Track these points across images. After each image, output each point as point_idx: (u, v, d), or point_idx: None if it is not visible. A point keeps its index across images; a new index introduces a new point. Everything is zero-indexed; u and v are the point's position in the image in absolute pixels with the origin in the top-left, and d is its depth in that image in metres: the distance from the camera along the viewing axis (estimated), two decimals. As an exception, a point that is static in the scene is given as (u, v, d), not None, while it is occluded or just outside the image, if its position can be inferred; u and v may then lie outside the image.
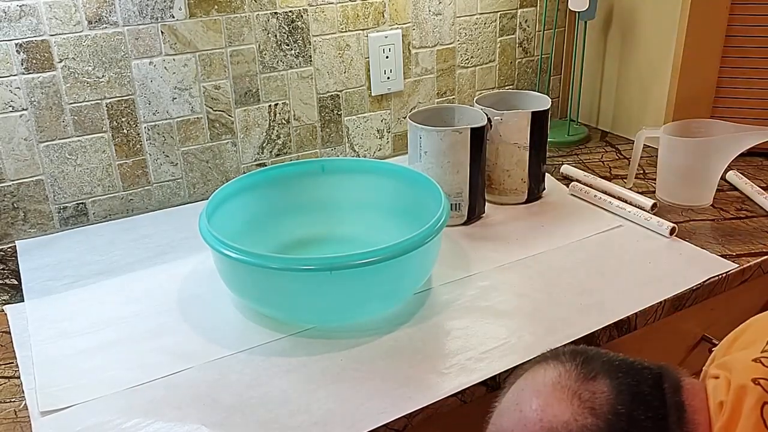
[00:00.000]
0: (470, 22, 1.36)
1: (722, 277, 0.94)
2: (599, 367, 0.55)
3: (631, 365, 0.57)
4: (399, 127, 1.37)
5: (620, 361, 0.57)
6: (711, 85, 1.29)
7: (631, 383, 0.54)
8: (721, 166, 1.11)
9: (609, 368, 0.55)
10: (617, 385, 0.54)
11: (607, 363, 0.56)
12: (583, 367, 0.55)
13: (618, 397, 0.53)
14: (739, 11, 1.24)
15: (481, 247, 1.04)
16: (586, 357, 0.56)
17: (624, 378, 0.54)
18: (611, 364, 0.56)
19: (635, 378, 0.55)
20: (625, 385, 0.54)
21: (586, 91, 1.51)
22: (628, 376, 0.55)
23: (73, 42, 1.04)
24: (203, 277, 0.97)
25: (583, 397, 0.53)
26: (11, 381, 0.79)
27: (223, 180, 1.22)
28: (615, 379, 0.54)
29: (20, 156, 1.06)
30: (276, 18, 1.17)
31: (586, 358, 0.56)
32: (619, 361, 0.57)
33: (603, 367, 0.55)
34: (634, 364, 0.57)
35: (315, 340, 0.84)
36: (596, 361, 0.56)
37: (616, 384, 0.54)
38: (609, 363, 0.56)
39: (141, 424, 0.71)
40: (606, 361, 0.56)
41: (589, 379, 0.54)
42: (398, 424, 0.72)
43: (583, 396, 0.53)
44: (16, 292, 0.96)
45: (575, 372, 0.55)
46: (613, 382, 0.54)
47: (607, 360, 0.57)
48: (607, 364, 0.56)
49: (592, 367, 0.55)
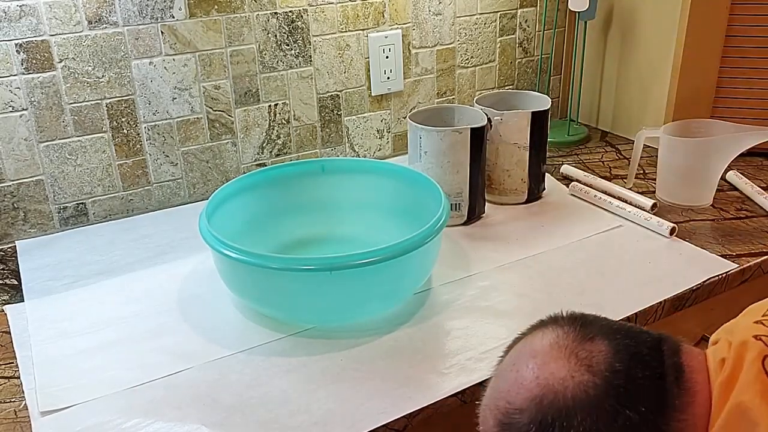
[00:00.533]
0: (470, 22, 1.36)
1: (722, 277, 0.94)
2: (597, 329, 0.56)
3: (630, 329, 0.57)
4: (399, 127, 1.37)
5: (620, 325, 0.58)
6: (711, 85, 1.29)
7: (630, 344, 0.55)
8: (721, 166, 1.11)
9: (607, 330, 0.56)
10: (615, 346, 0.54)
11: (606, 326, 0.57)
12: (582, 329, 0.56)
13: (616, 356, 0.53)
14: (739, 11, 1.24)
15: (481, 247, 1.04)
16: (585, 321, 0.57)
17: (622, 339, 0.55)
18: (610, 327, 0.56)
19: (634, 340, 0.55)
20: (623, 345, 0.54)
21: (586, 91, 1.51)
22: (627, 337, 0.55)
23: (73, 42, 1.04)
24: (203, 277, 0.97)
25: (581, 356, 0.53)
26: (11, 381, 0.79)
27: (223, 180, 1.22)
28: (613, 340, 0.54)
29: (20, 156, 1.06)
30: (276, 18, 1.17)
31: (585, 321, 0.57)
32: (618, 325, 0.58)
33: (602, 329, 0.56)
34: (633, 328, 0.58)
35: (315, 340, 0.84)
36: (595, 324, 0.57)
37: (614, 344, 0.54)
38: (608, 326, 0.57)
39: (141, 424, 0.71)
40: (605, 324, 0.57)
41: (587, 340, 0.54)
42: (398, 424, 0.72)
43: (580, 354, 0.54)
44: (16, 292, 0.96)
45: (573, 333, 0.55)
46: (612, 343, 0.54)
47: (606, 324, 0.57)
48: (605, 327, 0.56)
49: (590, 330, 0.56)
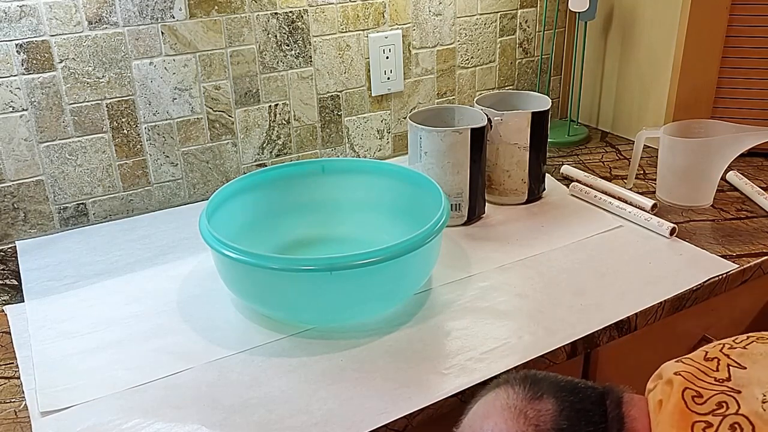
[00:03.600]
0: (470, 23, 1.36)
1: (722, 277, 0.94)
2: (546, 387, 0.59)
3: (576, 385, 0.61)
4: (399, 128, 1.37)
5: (566, 381, 0.61)
6: (711, 85, 1.29)
7: (575, 401, 0.58)
8: (722, 166, 1.11)
9: (555, 388, 0.59)
10: (561, 403, 0.58)
11: (554, 384, 0.60)
12: (530, 389, 0.59)
13: (561, 414, 0.57)
14: (739, 11, 1.24)
15: (481, 247, 1.04)
16: (534, 379, 0.61)
17: (568, 396, 0.58)
18: (557, 385, 0.60)
19: (578, 396, 0.59)
20: (569, 402, 0.58)
21: (586, 92, 1.51)
22: (572, 394, 0.59)
23: (74, 42, 1.04)
24: (203, 277, 0.97)
25: (529, 415, 0.57)
26: (11, 381, 0.79)
27: (223, 180, 1.22)
28: (559, 398, 0.58)
29: (20, 156, 1.06)
30: (276, 18, 1.17)
31: (534, 380, 0.60)
32: (565, 382, 0.61)
33: (549, 387, 0.59)
34: (579, 385, 0.61)
35: (315, 340, 0.84)
36: (543, 383, 0.60)
37: (560, 402, 0.58)
38: (555, 384, 0.60)
39: (141, 425, 0.71)
40: (553, 382, 0.60)
41: (535, 399, 0.58)
42: (398, 424, 0.72)
43: (528, 414, 0.57)
44: (16, 293, 0.96)
45: (522, 393, 0.59)
46: (558, 401, 0.58)
47: (554, 381, 0.61)
48: (553, 385, 0.60)
49: (538, 388, 0.59)
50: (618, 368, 0.92)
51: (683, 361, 0.60)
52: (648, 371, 0.96)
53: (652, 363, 0.96)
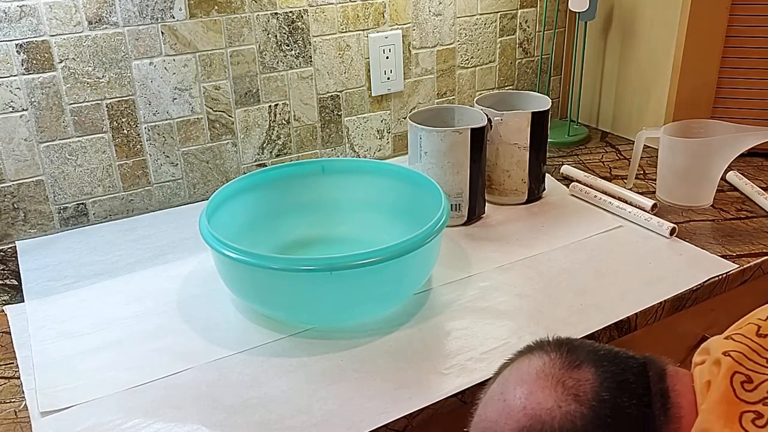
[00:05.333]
0: (470, 23, 1.36)
1: (722, 277, 0.94)
2: (584, 356, 0.55)
3: (617, 354, 0.57)
4: (399, 128, 1.37)
5: (606, 350, 0.57)
6: (711, 85, 1.29)
7: (616, 371, 0.54)
8: (722, 166, 1.11)
9: (594, 357, 0.55)
10: (602, 373, 0.54)
11: (593, 352, 0.56)
12: (568, 356, 0.55)
13: (602, 385, 0.53)
14: (739, 11, 1.24)
15: (481, 247, 1.04)
16: (571, 347, 0.57)
17: (609, 366, 0.55)
18: (596, 354, 0.56)
19: (620, 366, 0.55)
20: (610, 372, 0.54)
21: (586, 92, 1.51)
22: (613, 364, 0.55)
23: (74, 42, 1.04)
24: (203, 277, 0.97)
25: (567, 385, 0.53)
26: (11, 381, 0.79)
27: (223, 180, 1.22)
28: (600, 368, 0.54)
29: (20, 156, 1.06)
30: (276, 18, 1.17)
31: (571, 347, 0.57)
32: (604, 350, 0.57)
33: (588, 356, 0.55)
34: (619, 354, 0.57)
35: (315, 340, 0.84)
36: (581, 351, 0.56)
37: (601, 372, 0.54)
38: (594, 352, 0.56)
39: (141, 425, 0.71)
40: (591, 350, 0.57)
41: (573, 368, 0.54)
42: (398, 424, 0.72)
43: (567, 383, 0.53)
44: (16, 293, 0.96)
45: (560, 361, 0.55)
46: (598, 371, 0.54)
47: (593, 350, 0.57)
48: (592, 353, 0.56)
49: (576, 356, 0.55)
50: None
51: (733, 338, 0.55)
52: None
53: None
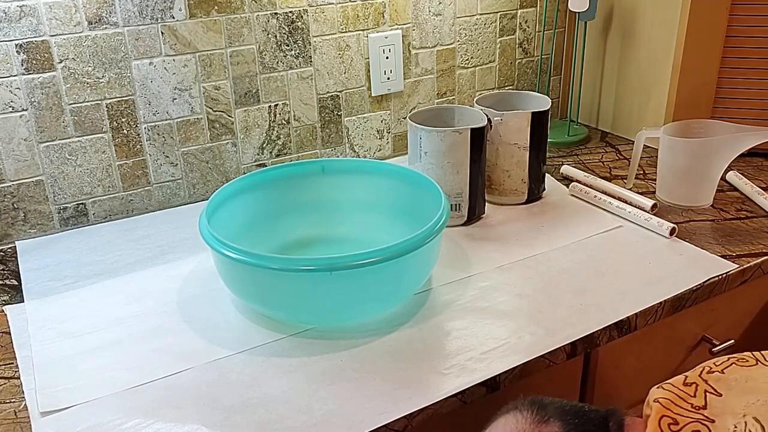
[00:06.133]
0: (470, 23, 1.36)
1: (722, 277, 0.94)
2: (552, 412, 0.63)
3: (581, 409, 0.65)
4: (399, 128, 1.37)
5: (571, 406, 0.65)
6: (711, 85, 1.29)
7: (579, 423, 0.62)
8: (721, 166, 1.11)
9: (561, 412, 0.63)
10: (566, 426, 0.62)
11: (560, 408, 0.64)
12: (538, 413, 0.63)
13: None
14: (739, 11, 1.24)
15: (481, 247, 1.04)
16: (541, 405, 0.64)
17: (573, 419, 0.63)
18: (563, 409, 0.64)
19: (583, 419, 0.63)
20: (573, 424, 0.62)
21: (586, 92, 1.51)
22: (577, 417, 0.63)
23: (73, 42, 1.04)
24: (203, 277, 0.97)
25: None
26: (11, 381, 0.79)
27: (223, 180, 1.22)
28: (565, 422, 0.62)
29: (20, 156, 1.06)
30: (276, 18, 1.17)
31: (541, 405, 0.64)
32: (570, 406, 0.65)
33: (555, 411, 0.63)
34: (583, 409, 0.65)
35: (315, 340, 0.84)
36: (550, 408, 0.64)
37: (566, 425, 0.62)
38: (561, 408, 0.64)
39: (141, 425, 0.71)
40: (559, 407, 0.64)
41: (542, 422, 0.62)
42: (398, 424, 0.72)
43: None
44: (16, 293, 0.96)
45: (530, 417, 0.63)
46: (564, 424, 0.62)
47: (560, 406, 0.65)
48: (559, 409, 0.64)
49: (545, 412, 0.63)
50: (618, 368, 0.92)
51: (664, 386, 0.64)
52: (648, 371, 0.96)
53: (652, 363, 0.96)
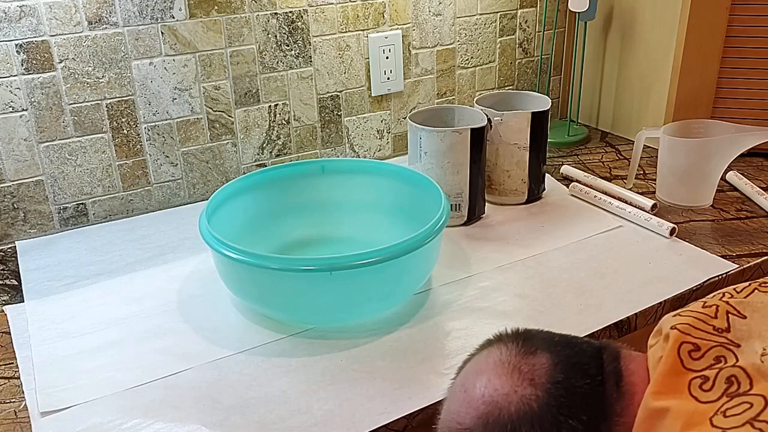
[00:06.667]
0: (470, 23, 1.36)
1: (722, 277, 0.94)
2: (539, 343, 0.58)
3: (572, 340, 0.60)
4: (399, 128, 1.37)
5: (561, 336, 0.60)
6: (711, 85, 1.29)
7: (570, 354, 0.57)
8: (721, 166, 1.11)
9: (549, 343, 0.58)
10: (556, 357, 0.56)
11: (548, 339, 0.59)
12: (524, 345, 0.58)
13: (557, 368, 0.56)
14: (739, 11, 1.24)
15: (481, 247, 1.04)
16: (527, 335, 0.59)
17: (563, 350, 0.57)
18: (552, 340, 0.59)
19: (574, 350, 0.58)
20: (564, 356, 0.57)
21: (586, 92, 1.51)
22: (567, 348, 0.58)
23: (73, 42, 1.04)
24: (203, 277, 0.97)
25: (523, 370, 0.56)
26: (11, 381, 0.79)
27: (223, 180, 1.22)
28: (554, 353, 0.57)
29: (20, 156, 1.06)
30: (276, 18, 1.17)
31: (527, 336, 0.59)
32: (560, 337, 0.60)
33: (543, 343, 0.58)
34: (575, 339, 0.60)
35: (315, 340, 0.84)
36: (537, 339, 0.59)
37: (555, 356, 0.57)
38: (549, 339, 0.59)
39: (141, 425, 0.71)
40: (547, 337, 0.59)
41: (529, 354, 0.57)
42: (398, 424, 0.72)
43: (522, 369, 0.56)
44: (16, 293, 0.96)
45: (515, 349, 0.58)
46: (553, 355, 0.57)
47: (548, 337, 0.60)
48: (547, 340, 0.59)
49: (532, 343, 0.58)
50: (618, 368, 0.92)
51: (681, 313, 0.58)
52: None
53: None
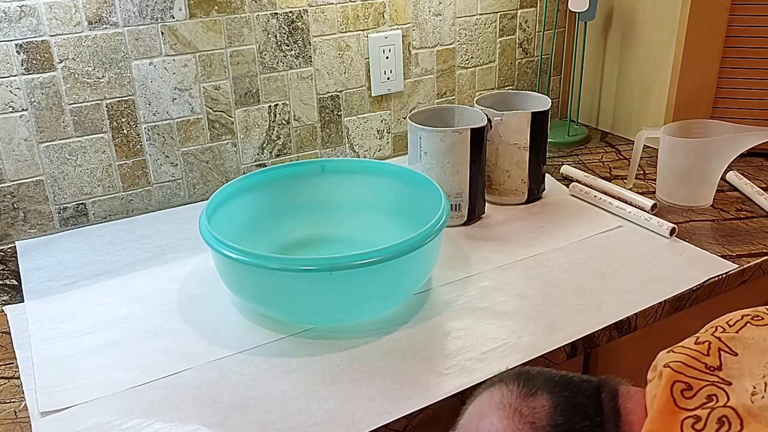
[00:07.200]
0: (470, 23, 1.36)
1: (722, 277, 0.94)
2: (540, 384, 0.59)
3: (571, 380, 0.60)
4: (399, 128, 1.37)
5: (560, 376, 0.60)
6: (711, 85, 1.29)
7: (569, 396, 0.57)
8: (721, 166, 1.11)
9: (549, 384, 0.59)
10: (556, 399, 0.57)
11: (548, 380, 0.59)
12: (525, 386, 0.59)
13: (557, 410, 0.56)
14: (739, 11, 1.24)
15: (481, 247, 1.04)
16: (528, 377, 0.60)
17: (562, 392, 0.58)
18: (551, 381, 0.59)
19: (573, 391, 0.58)
20: (564, 398, 0.57)
21: (586, 92, 1.51)
22: (567, 389, 0.58)
23: (73, 42, 1.04)
24: (203, 277, 0.97)
25: (524, 413, 0.56)
26: (11, 381, 0.79)
27: (223, 180, 1.22)
28: (554, 394, 0.57)
29: (20, 156, 1.06)
30: (276, 18, 1.17)
31: (528, 377, 0.60)
32: (559, 377, 0.60)
33: (543, 383, 0.59)
34: (573, 379, 0.60)
35: (315, 340, 0.84)
36: (537, 379, 0.59)
37: (555, 398, 0.57)
38: (549, 380, 0.59)
39: (141, 425, 0.71)
40: (547, 378, 0.60)
41: (529, 396, 0.58)
42: (398, 424, 0.72)
43: (523, 412, 0.57)
44: (16, 293, 0.96)
45: (517, 391, 0.58)
46: (553, 397, 0.57)
47: (548, 377, 0.60)
48: (547, 381, 0.59)
49: (532, 385, 0.59)
50: (618, 368, 0.92)
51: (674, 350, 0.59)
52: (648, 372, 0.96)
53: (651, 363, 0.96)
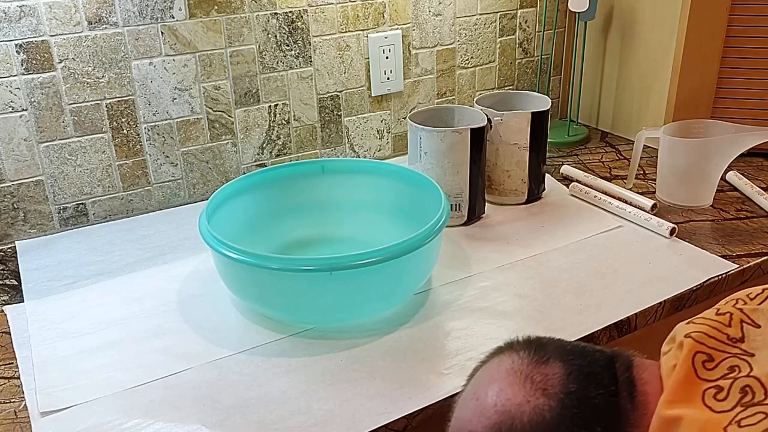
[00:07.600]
0: (470, 23, 1.36)
1: (722, 277, 0.94)
2: (552, 351, 0.57)
3: (584, 349, 0.59)
4: (399, 128, 1.37)
5: (573, 345, 0.59)
6: (711, 85, 1.29)
7: (583, 364, 0.56)
8: (721, 166, 1.11)
9: (562, 352, 0.57)
10: (569, 367, 0.56)
11: (560, 348, 0.58)
12: (536, 353, 0.57)
13: (570, 377, 0.55)
14: (739, 11, 1.24)
15: (481, 247, 1.04)
16: (540, 344, 0.58)
17: (576, 360, 0.56)
18: (564, 349, 0.58)
19: (587, 359, 0.57)
20: (577, 366, 0.56)
21: (586, 92, 1.51)
22: (580, 357, 0.57)
23: (73, 42, 1.04)
24: (203, 277, 0.97)
25: (536, 380, 0.55)
26: (11, 381, 0.79)
27: (223, 180, 1.22)
28: (567, 362, 0.56)
29: (20, 156, 1.06)
30: (276, 18, 1.17)
31: (540, 344, 0.58)
32: (572, 346, 0.59)
33: (556, 351, 0.57)
34: (587, 348, 0.59)
35: (315, 340, 0.84)
36: (549, 347, 0.58)
37: (568, 366, 0.56)
38: (562, 348, 0.58)
39: (141, 425, 0.71)
40: (559, 346, 0.58)
41: (541, 363, 0.56)
42: (398, 424, 0.72)
43: (535, 378, 0.55)
44: (15, 293, 0.96)
45: (528, 358, 0.57)
46: (566, 365, 0.56)
47: (561, 345, 0.59)
48: (560, 348, 0.58)
49: (544, 352, 0.57)
50: (618, 368, 0.92)
51: (694, 321, 0.57)
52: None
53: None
